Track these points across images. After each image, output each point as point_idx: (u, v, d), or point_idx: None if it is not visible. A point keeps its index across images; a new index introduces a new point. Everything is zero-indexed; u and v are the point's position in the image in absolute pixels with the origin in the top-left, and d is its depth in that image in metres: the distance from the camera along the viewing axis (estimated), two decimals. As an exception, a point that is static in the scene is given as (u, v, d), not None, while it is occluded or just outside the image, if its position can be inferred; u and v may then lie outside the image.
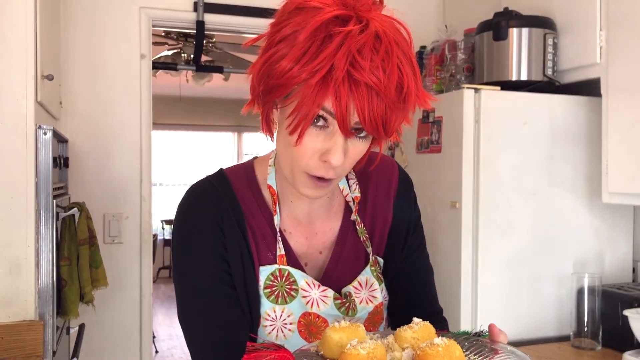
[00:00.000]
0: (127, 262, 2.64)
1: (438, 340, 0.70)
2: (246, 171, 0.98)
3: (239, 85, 6.62)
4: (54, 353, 1.82)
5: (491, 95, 2.02)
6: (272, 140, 0.90)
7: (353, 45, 0.73)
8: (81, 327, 2.28)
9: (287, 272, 0.92)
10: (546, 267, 2.08)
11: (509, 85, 2.07)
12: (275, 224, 0.94)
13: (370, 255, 0.98)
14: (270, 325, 0.91)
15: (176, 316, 0.96)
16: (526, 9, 2.16)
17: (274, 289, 0.92)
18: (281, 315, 0.92)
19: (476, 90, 2.02)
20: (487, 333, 0.82)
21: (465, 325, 1.99)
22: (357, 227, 0.99)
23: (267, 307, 0.91)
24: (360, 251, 0.99)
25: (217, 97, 8.42)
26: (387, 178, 1.02)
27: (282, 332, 0.92)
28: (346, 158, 0.81)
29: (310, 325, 0.92)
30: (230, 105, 8.54)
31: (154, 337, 5.44)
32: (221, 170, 0.99)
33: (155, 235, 7.66)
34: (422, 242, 1.06)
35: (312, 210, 0.97)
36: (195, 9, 2.71)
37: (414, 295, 1.03)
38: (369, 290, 0.97)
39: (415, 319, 0.79)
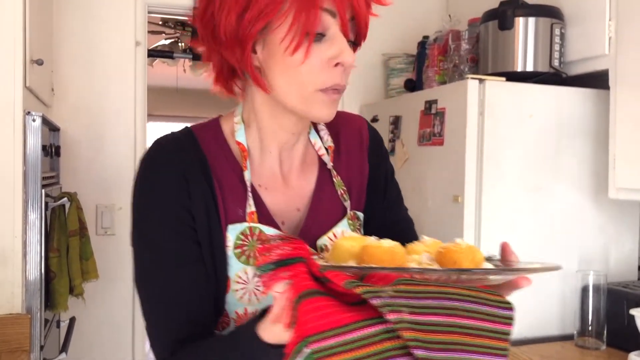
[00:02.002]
0: (120, 255, 2.58)
1: (460, 240, 0.69)
2: (213, 127, 0.94)
3: (237, 76, 6.54)
4: (41, 347, 1.77)
5: (496, 87, 1.96)
6: (234, 95, 0.92)
7: None
8: (71, 321, 2.23)
9: (258, 231, 0.86)
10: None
11: (514, 77, 2.01)
12: (246, 179, 0.89)
13: (348, 209, 0.96)
14: (242, 289, 0.85)
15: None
16: (533, -2, 2.10)
17: (244, 248, 0.85)
18: (253, 277, 0.85)
19: (480, 81, 1.96)
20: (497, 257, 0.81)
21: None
22: (334, 179, 0.96)
23: (237, 269, 0.85)
24: (338, 205, 0.96)
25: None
26: (356, 129, 1.02)
27: (255, 295, 0.85)
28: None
29: None
30: (227, 97, 8.46)
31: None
32: (187, 127, 0.94)
33: (151, 228, 7.57)
34: (399, 194, 1.06)
35: (285, 164, 0.94)
36: (192, -5, 2.65)
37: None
38: None
39: (424, 237, 0.78)
